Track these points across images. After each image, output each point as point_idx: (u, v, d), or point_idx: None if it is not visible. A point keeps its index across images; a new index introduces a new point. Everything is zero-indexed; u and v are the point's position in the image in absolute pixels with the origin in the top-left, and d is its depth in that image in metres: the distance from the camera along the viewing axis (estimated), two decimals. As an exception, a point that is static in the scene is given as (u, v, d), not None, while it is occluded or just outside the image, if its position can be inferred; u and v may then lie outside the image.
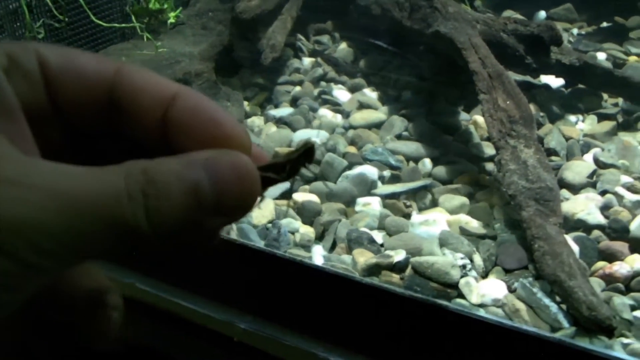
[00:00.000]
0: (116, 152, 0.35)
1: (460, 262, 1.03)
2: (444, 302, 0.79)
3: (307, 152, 0.33)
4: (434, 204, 1.22)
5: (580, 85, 1.56)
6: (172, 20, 1.70)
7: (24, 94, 0.33)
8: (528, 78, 1.57)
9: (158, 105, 0.33)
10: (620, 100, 1.53)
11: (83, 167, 0.29)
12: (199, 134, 0.32)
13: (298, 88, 1.66)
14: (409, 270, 1.04)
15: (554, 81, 1.59)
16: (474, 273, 1.04)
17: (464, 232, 1.12)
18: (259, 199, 0.31)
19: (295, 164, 0.33)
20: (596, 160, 1.29)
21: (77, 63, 0.34)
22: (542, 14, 2.00)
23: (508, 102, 1.15)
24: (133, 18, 1.66)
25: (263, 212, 1.21)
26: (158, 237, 0.29)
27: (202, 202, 0.29)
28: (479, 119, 1.38)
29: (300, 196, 1.24)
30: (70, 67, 0.34)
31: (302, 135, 1.44)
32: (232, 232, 1.16)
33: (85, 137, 0.35)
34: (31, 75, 0.33)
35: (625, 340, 0.92)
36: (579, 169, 1.25)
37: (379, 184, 1.28)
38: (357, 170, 1.29)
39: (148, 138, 0.34)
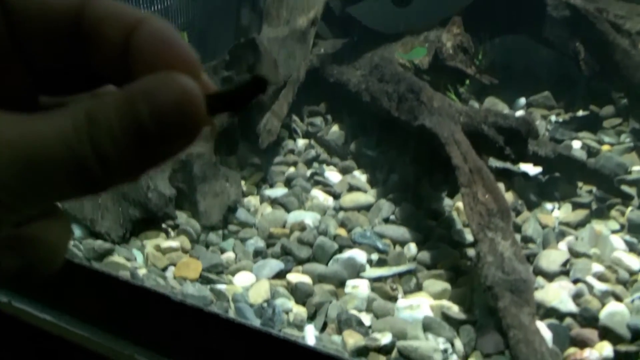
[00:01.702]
0: (81, 90, 0.35)
1: (442, 347, 1.12)
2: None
3: (258, 83, 0.32)
4: (419, 287, 1.31)
5: (557, 174, 1.67)
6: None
7: None
8: (508, 165, 1.68)
9: (121, 31, 0.32)
10: (594, 188, 1.63)
11: (34, 114, 0.29)
12: (154, 59, 0.31)
13: (292, 169, 1.76)
14: (395, 353, 1.12)
15: (532, 169, 1.69)
16: (455, 357, 1.12)
17: (445, 316, 1.21)
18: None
19: (247, 94, 0.32)
20: (570, 249, 1.38)
21: None
22: (522, 100, 2.13)
23: (487, 196, 1.25)
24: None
25: (259, 291, 1.29)
26: (109, 176, 0.29)
27: (145, 136, 0.29)
28: (461, 205, 1.47)
29: (293, 277, 1.32)
30: None
31: (295, 216, 1.53)
32: (230, 310, 1.24)
33: (48, 73, 0.34)
34: None
35: None
36: (553, 257, 1.34)
37: (367, 267, 1.37)
38: (347, 254, 1.38)
39: (112, 69, 0.33)
